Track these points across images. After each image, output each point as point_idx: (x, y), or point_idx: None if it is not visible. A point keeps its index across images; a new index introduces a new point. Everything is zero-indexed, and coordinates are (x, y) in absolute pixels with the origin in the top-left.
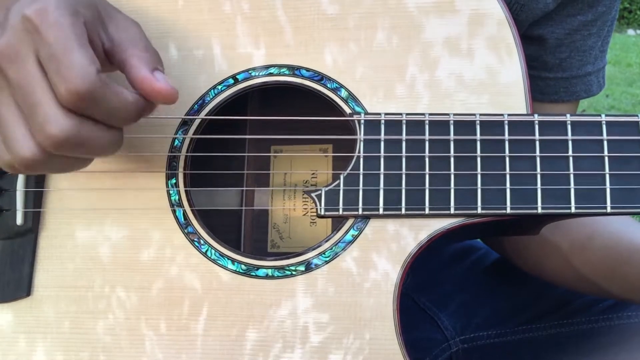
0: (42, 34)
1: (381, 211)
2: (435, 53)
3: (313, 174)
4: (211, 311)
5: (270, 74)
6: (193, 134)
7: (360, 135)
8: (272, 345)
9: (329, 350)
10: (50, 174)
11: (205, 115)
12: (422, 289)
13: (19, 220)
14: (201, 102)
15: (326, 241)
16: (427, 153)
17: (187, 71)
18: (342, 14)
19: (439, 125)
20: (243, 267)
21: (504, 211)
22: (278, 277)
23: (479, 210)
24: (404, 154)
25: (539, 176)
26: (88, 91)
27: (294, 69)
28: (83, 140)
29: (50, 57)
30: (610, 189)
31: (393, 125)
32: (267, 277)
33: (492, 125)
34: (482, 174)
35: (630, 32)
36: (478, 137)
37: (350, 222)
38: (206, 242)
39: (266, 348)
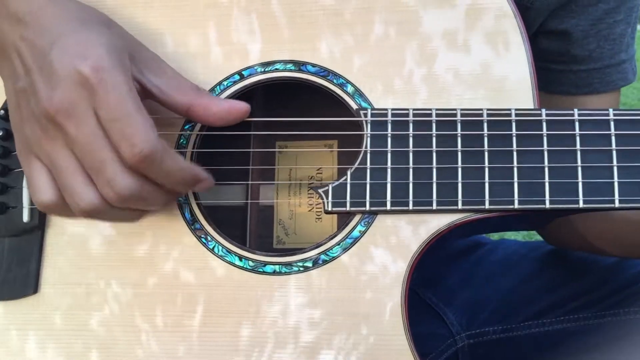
0: (101, 95)
1: (389, 206)
2: (433, 46)
3: (318, 169)
4: (218, 307)
5: (276, 70)
6: (199, 131)
7: (368, 131)
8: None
9: (333, 347)
10: (106, 221)
11: None
12: (428, 284)
13: (26, 217)
14: None
15: (334, 237)
16: (434, 147)
17: (193, 68)
18: (341, 8)
19: (446, 121)
20: (250, 263)
21: (512, 206)
22: (285, 274)
23: (487, 205)
24: (411, 148)
25: (546, 169)
26: (151, 154)
27: (299, 65)
28: (144, 197)
29: (112, 121)
30: (618, 182)
31: (400, 121)
32: (274, 273)
33: (499, 121)
34: (489, 167)
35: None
36: (485, 132)
37: (357, 217)
38: (213, 238)
39: (272, 344)
